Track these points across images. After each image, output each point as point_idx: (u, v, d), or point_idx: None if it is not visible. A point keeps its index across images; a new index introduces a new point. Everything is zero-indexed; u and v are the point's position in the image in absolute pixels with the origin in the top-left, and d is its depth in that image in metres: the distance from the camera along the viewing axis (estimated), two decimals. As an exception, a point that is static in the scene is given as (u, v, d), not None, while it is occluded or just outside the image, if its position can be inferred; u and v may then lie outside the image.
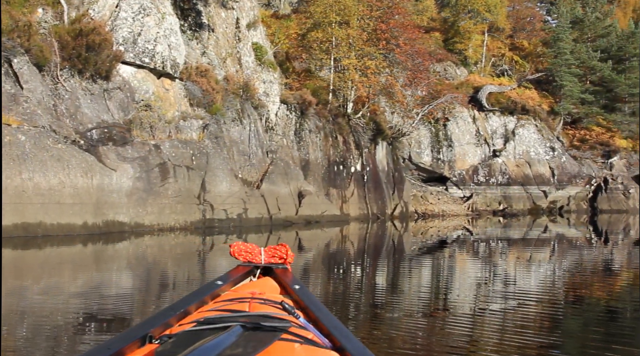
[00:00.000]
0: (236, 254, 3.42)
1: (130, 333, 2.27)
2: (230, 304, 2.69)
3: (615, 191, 38.23)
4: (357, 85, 27.27)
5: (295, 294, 2.96)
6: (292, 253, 3.39)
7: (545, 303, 8.24)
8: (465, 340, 5.90)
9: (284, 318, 2.36)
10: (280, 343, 2.08)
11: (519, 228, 26.01)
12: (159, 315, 2.52)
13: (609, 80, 41.87)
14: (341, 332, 2.37)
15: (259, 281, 3.30)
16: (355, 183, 26.96)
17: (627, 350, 5.52)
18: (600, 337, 6.16)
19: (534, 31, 46.29)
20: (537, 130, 38.24)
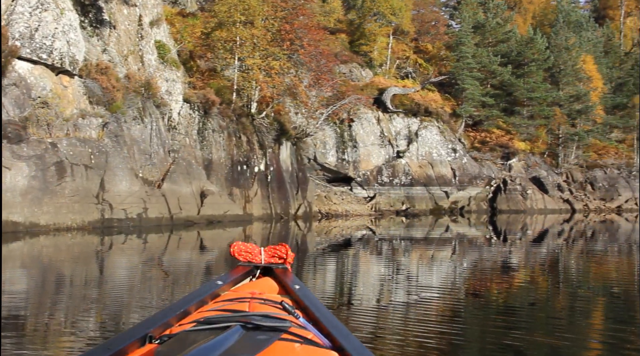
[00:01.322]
0: (236, 254, 3.49)
1: (130, 333, 2.32)
2: (230, 304, 2.74)
3: (514, 192, 40.01)
4: (261, 85, 27.79)
5: (295, 295, 3.01)
6: (292, 253, 3.48)
7: (447, 297, 8.76)
8: (369, 331, 6.26)
9: (284, 318, 2.40)
10: (280, 343, 2.12)
11: (421, 227, 26.89)
12: (159, 315, 2.58)
13: (509, 84, 43.87)
14: (341, 332, 2.41)
15: (259, 281, 3.38)
16: (259, 183, 27.51)
17: (524, 338, 6.14)
18: (499, 327, 6.74)
19: (437, 35, 47.88)
20: (439, 132, 39.69)
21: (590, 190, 44.15)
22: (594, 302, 8.87)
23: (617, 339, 6.29)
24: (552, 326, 6.93)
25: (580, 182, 44.35)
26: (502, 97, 44.22)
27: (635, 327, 7.00)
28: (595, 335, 6.70)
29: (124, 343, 2.20)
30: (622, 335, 6.48)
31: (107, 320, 6.60)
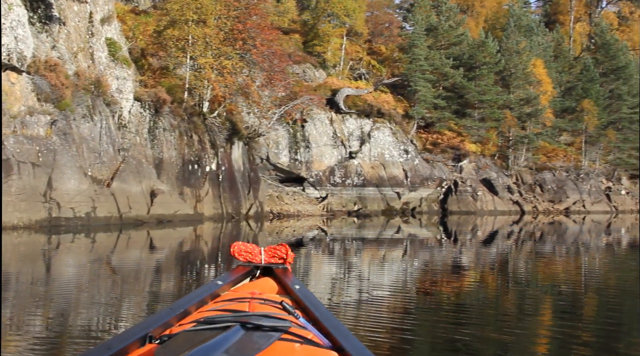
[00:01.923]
0: (236, 254, 3.51)
1: (130, 333, 2.33)
2: (230, 304, 2.75)
3: (465, 193, 40.72)
4: (213, 84, 27.91)
5: (295, 295, 3.03)
6: (293, 253, 3.51)
7: (398, 296, 9.02)
8: None
9: (284, 318, 2.41)
10: (280, 343, 2.14)
11: (373, 228, 27.19)
12: (159, 315, 2.60)
13: (461, 86, 44.55)
14: (341, 332, 2.43)
15: (259, 281, 3.40)
16: (210, 183, 27.63)
17: (474, 333, 6.40)
18: (449, 323, 6.98)
19: (391, 37, 48.46)
20: (391, 133, 40.19)
21: (539, 192, 45.17)
22: (541, 300, 9.21)
23: (564, 334, 6.62)
24: (501, 322, 7.25)
25: (530, 184, 45.33)
26: (454, 99, 44.86)
27: (581, 323, 7.35)
28: (543, 331, 7.05)
29: (124, 343, 2.22)
30: (569, 330, 6.80)
31: (54, 318, 6.66)
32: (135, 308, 7.66)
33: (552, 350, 6.13)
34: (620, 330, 7.13)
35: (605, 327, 7.14)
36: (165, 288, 9.40)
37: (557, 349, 6.11)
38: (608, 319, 7.72)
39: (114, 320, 6.85)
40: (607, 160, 51.24)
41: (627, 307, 8.72)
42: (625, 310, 8.49)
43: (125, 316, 7.03)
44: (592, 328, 7.15)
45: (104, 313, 7.20)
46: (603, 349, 6.09)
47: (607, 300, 9.32)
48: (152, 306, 7.56)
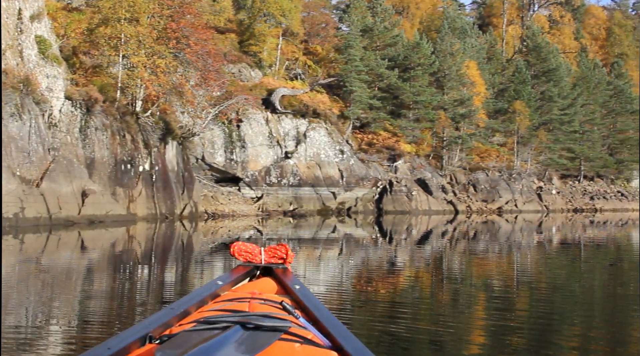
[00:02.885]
0: (236, 254, 3.55)
1: (130, 333, 2.35)
2: (230, 304, 2.77)
3: (400, 193, 41.23)
4: (147, 83, 27.91)
5: (295, 295, 3.05)
6: (292, 253, 3.55)
7: (334, 293, 9.46)
8: None
9: (284, 318, 2.44)
10: (280, 343, 2.16)
11: (309, 228, 27.54)
12: (159, 315, 2.60)
13: (396, 87, 45.12)
14: (341, 332, 2.44)
15: (259, 281, 3.44)
16: (144, 182, 27.61)
17: (410, 326, 6.80)
18: (385, 317, 7.40)
19: (327, 37, 48.93)
20: (327, 133, 40.59)
21: (472, 192, 46.14)
22: (475, 296, 9.78)
23: (496, 326, 7.18)
24: (436, 316, 7.74)
25: (464, 184, 46.26)
26: (389, 100, 45.45)
27: (514, 316, 7.92)
28: (477, 323, 7.57)
29: (124, 343, 2.23)
30: (502, 322, 7.38)
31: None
32: (64, 311, 7.67)
33: (486, 341, 6.59)
34: (551, 322, 7.59)
35: (537, 320, 7.65)
36: (96, 290, 9.40)
37: (491, 340, 6.59)
38: (539, 312, 8.25)
39: (43, 323, 6.89)
40: (539, 160, 52.73)
41: (557, 302, 9.27)
42: (556, 304, 9.02)
43: (55, 320, 7.06)
44: (524, 321, 7.68)
45: (32, 316, 7.22)
46: (535, 340, 6.58)
47: (539, 295, 9.92)
48: (84, 310, 7.59)
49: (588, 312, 8.61)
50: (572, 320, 7.97)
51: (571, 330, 7.29)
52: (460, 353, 6.06)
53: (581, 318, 8.07)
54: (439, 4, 65.55)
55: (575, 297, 9.94)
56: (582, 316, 8.21)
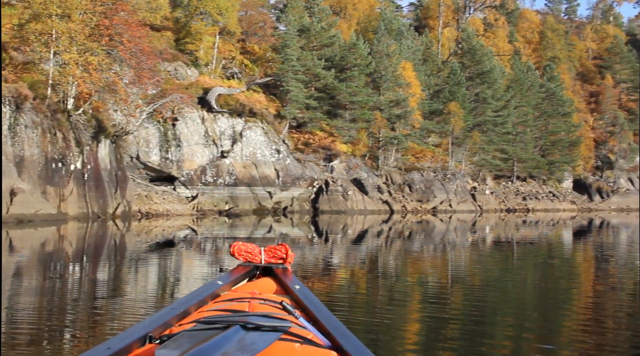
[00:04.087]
0: (236, 254, 3.58)
1: (130, 333, 2.36)
2: (230, 304, 2.79)
3: (335, 193, 41.51)
4: (79, 81, 27.67)
5: (295, 294, 3.06)
6: (293, 253, 3.59)
7: None
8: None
9: (284, 318, 2.46)
10: (280, 343, 2.17)
11: (244, 227, 27.64)
12: (159, 315, 2.62)
13: (332, 87, 45.59)
14: (341, 332, 2.46)
15: (259, 281, 3.45)
16: (75, 181, 27.36)
17: (348, 318, 6.95)
18: None
19: (264, 36, 49.00)
20: (263, 133, 40.75)
21: (408, 192, 46.88)
22: (410, 292, 10.14)
23: (431, 318, 7.54)
24: (372, 309, 8.06)
25: (399, 184, 46.95)
26: (326, 100, 45.89)
27: (448, 309, 8.31)
28: (412, 316, 7.95)
29: (124, 343, 2.25)
30: (436, 314, 7.75)
31: None
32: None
33: (421, 332, 6.96)
34: (485, 314, 8.04)
35: (471, 312, 8.06)
36: (25, 291, 9.31)
37: (426, 331, 6.97)
38: (473, 306, 8.67)
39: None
40: (473, 161, 53.91)
41: (490, 296, 9.76)
42: (490, 298, 9.51)
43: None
44: (459, 313, 8.09)
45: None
46: (469, 330, 6.99)
47: (473, 291, 10.35)
48: (10, 313, 7.48)
49: (520, 305, 9.08)
50: (505, 312, 8.39)
51: (504, 321, 7.71)
52: (396, 343, 6.33)
53: (513, 310, 8.52)
54: (377, 5, 66.41)
55: (508, 292, 10.41)
56: (515, 309, 8.67)
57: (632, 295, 10.33)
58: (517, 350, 6.26)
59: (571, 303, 9.46)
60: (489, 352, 6.06)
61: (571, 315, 8.28)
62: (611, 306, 9.13)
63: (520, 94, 59.57)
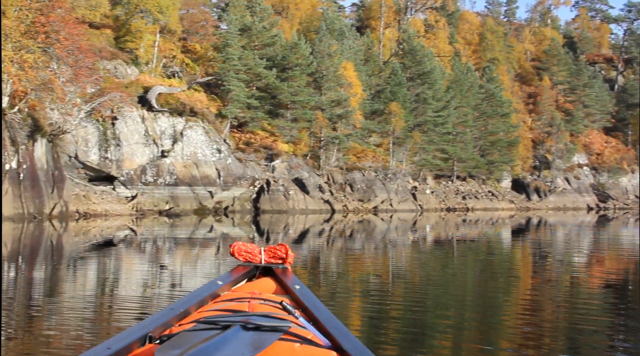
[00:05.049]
0: (236, 254, 3.61)
1: (130, 333, 2.37)
2: (230, 304, 2.80)
3: (277, 192, 41.73)
4: (14, 79, 27.35)
5: (295, 294, 3.08)
6: (293, 253, 3.60)
7: None
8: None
9: (284, 318, 2.47)
10: (280, 343, 2.18)
11: (185, 227, 27.69)
12: (159, 315, 2.63)
13: (274, 87, 45.67)
14: (341, 332, 2.47)
15: (259, 281, 3.47)
16: (10, 181, 27.03)
17: None
18: None
19: (206, 35, 48.84)
20: (204, 132, 40.71)
21: (349, 191, 47.34)
22: (352, 288, 10.49)
23: (373, 311, 7.96)
24: None
25: (340, 183, 47.36)
26: (267, 99, 45.97)
27: (390, 303, 8.74)
28: (354, 311, 8.25)
29: (124, 343, 2.26)
30: (378, 306, 8.19)
31: None
32: None
33: (363, 326, 7.26)
34: (425, 312, 8.34)
35: (412, 307, 8.45)
36: None
37: (368, 325, 7.29)
38: (415, 301, 9.09)
39: None
40: (414, 161, 54.53)
41: (431, 292, 10.21)
42: (430, 294, 9.94)
43: None
44: (401, 308, 8.50)
45: None
46: (411, 324, 7.34)
47: (414, 287, 10.77)
48: None
49: (460, 302, 9.46)
50: (445, 309, 8.74)
51: (444, 315, 8.08)
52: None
53: (454, 307, 8.87)
54: (319, 5, 66.73)
55: (449, 289, 10.77)
56: (455, 306, 9.02)
57: (569, 292, 10.88)
58: (456, 347, 6.49)
59: (510, 299, 9.89)
60: (429, 350, 6.31)
61: (509, 312, 8.66)
62: (549, 302, 9.56)
63: (460, 95, 60.47)
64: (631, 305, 9.70)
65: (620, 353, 6.49)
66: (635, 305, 9.81)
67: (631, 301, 10.11)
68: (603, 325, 7.83)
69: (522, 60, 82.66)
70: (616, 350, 6.63)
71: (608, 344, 6.88)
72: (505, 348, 6.46)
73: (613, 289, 11.26)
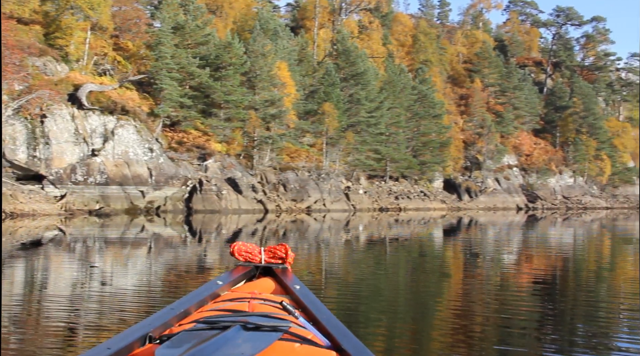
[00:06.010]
0: (236, 254, 3.62)
1: (130, 333, 2.39)
2: (230, 304, 2.82)
3: (210, 192, 41.83)
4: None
5: (295, 294, 3.10)
6: (293, 253, 3.62)
7: (142, 291, 10.09)
8: (66, 323, 7.33)
9: (284, 318, 2.49)
10: (280, 343, 2.19)
11: (116, 227, 27.60)
12: (159, 315, 2.64)
13: (207, 86, 45.79)
14: (341, 332, 2.49)
15: (259, 281, 3.49)
16: None
17: None
18: None
19: (139, 33, 48.46)
20: (136, 131, 40.60)
21: (282, 191, 47.68)
22: None
23: None
24: None
25: (274, 183, 47.64)
26: (200, 98, 46.06)
27: (323, 298, 8.92)
28: None
29: (124, 343, 2.27)
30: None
31: None
32: None
33: None
34: (357, 311, 8.65)
35: (345, 307, 8.74)
36: None
37: None
38: (347, 300, 9.47)
39: None
40: (347, 161, 55.30)
41: (363, 293, 10.58)
42: (362, 295, 10.29)
43: None
44: (333, 306, 8.63)
45: None
46: (344, 322, 7.74)
47: (346, 287, 11.19)
48: None
49: (393, 300, 9.87)
50: (378, 304, 9.18)
51: (377, 313, 8.45)
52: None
53: (386, 302, 9.36)
54: (253, 4, 66.83)
55: (381, 288, 11.24)
56: (387, 301, 9.54)
57: (499, 288, 11.51)
58: (389, 346, 6.67)
59: (442, 296, 10.43)
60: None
61: (441, 308, 9.13)
62: (479, 298, 10.11)
63: (393, 96, 61.33)
64: (558, 299, 10.47)
65: (548, 345, 6.97)
66: (562, 299, 10.54)
67: (558, 296, 10.86)
68: (532, 319, 8.42)
69: (454, 62, 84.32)
70: (544, 342, 7.15)
71: (537, 337, 7.43)
72: (437, 344, 6.79)
73: (541, 285, 11.95)
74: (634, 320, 8.61)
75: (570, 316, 8.94)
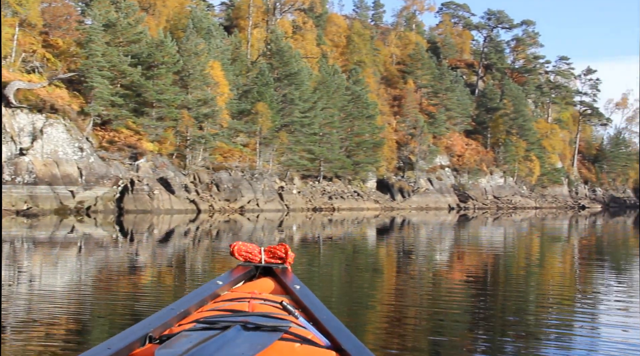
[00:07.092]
0: (236, 254, 3.66)
1: (130, 333, 2.40)
2: (230, 304, 2.84)
3: (141, 192, 41.69)
4: None
5: (295, 294, 3.14)
6: (293, 253, 3.66)
7: (72, 293, 10.09)
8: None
9: (284, 318, 2.51)
10: (280, 343, 2.20)
11: (45, 228, 27.33)
12: (159, 315, 2.66)
13: (139, 85, 45.69)
14: (341, 332, 2.51)
15: (259, 281, 3.52)
16: None
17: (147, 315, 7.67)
18: (127, 311, 8.24)
19: (69, 30, 48.03)
20: (66, 130, 40.26)
21: (215, 191, 47.80)
22: None
23: None
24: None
25: (207, 183, 47.70)
26: (132, 97, 45.92)
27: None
28: None
29: (124, 343, 2.29)
30: None
31: None
32: None
33: None
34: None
35: None
36: None
37: None
38: None
39: None
40: (280, 161, 55.76)
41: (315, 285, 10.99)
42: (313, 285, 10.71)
43: None
44: None
45: None
46: None
47: None
48: None
49: (326, 295, 10.19)
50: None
51: None
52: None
53: (320, 299, 9.64)
54: (187, 3, 66.61)
55: (314, 288, 11.54)
56: (321, 297, 9.64)
57: (432, 284, 12.06)
58: None
59: (375, 292, 10.92)
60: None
61: (375, 304, 9.55)
62: (412, 294, 10.57)
63: (327, 96, 61.92)
64: (489, 293, 11.18)
65: (480, 335, 7.44)
66: (493, 293, 11.23)
67: (489, 291, 11.57)
68: (464, 311, 8.91)
69: (388, 63, 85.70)
70: (476, 332, 7.61)
71: (469, 328, 7.87)
72: (371, 336, 6.99)
73: (473, 281, 12.62)
74: (562, 312, 9.22)
75: (501, 308, 9.49)
